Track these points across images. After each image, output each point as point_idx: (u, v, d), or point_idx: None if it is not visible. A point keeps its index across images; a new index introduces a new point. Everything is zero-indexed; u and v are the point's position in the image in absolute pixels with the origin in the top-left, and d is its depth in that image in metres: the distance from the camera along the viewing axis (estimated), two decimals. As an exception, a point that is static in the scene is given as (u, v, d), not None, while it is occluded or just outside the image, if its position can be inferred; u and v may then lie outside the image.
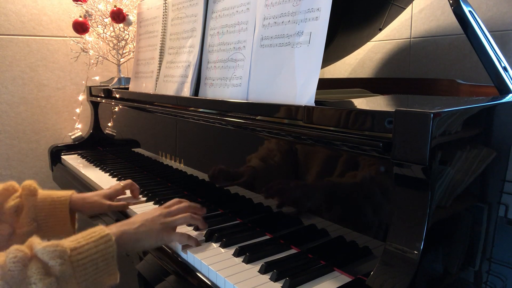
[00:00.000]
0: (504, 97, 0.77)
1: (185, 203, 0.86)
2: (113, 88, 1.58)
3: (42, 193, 0.96)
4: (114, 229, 0.73)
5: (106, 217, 1.10)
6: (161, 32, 1.34)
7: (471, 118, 0.63)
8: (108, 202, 1.02)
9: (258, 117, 0.84)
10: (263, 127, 0.82)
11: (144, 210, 1.00)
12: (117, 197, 1.08)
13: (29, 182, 0.94)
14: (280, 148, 0.81)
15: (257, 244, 0.79)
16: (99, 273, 0.67)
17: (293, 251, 0.77)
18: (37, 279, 0.60)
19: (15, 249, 0.63)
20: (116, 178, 1.31)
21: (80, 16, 1.66)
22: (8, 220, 0.90)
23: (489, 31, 0.87)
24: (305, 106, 0.72)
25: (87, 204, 0.99)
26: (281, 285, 0.65)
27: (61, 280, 0.62)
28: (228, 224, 0.90)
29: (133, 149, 1.46)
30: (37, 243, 0.64)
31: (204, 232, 0.84)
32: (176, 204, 0.86)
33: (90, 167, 1.48)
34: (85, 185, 1.33)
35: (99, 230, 0.70)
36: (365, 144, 0.61)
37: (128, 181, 1.09)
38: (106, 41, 1.73)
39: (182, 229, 0.86)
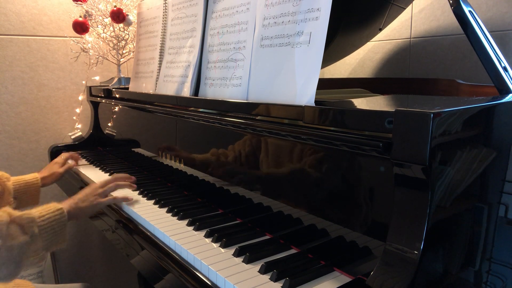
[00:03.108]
0: (504, 97, 0.77)
1: (114, 177, 1.15)
2: (113, 88, 1.58)
3: (14, 178, 1.26)
4: (65, 205, 0.99)
5: (106, 217, 1.10)
6: (161, 32, 1.33)
7: (471, 118, 0.63)
8: (61, 168, 1.37)
9: (258, 117, 0.84)
10: (263, 127, 0.82)
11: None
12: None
13: (1, 172, 1.22)
14: (280, 148, 0.81)
15: (257, 244, 0.79)
16: (56, 235, 0.92)
17: (293, 251, 0.77)
18: (18, 235, 0.85)
19: None
20: (116, 178, 1.31)
21: (80, 16, 1.66)
22: None
23: (489, 31, 0.87)
24: (305, 106, 0.72)
25: (49, 178, 1.34)
26: (281, 285, 0.65)
27: (32, 238, 0.87)
28: (228, 224, 0.90)
29: (133, 149, 1.46)
30: (12, 212, 0.87)
31: (137, 192, 1.15)
32: (108, 182, 1.12)
33: (90, 167, 1.48)
34: (85, 185, 1.33)
35: (55, 205, 0.96)
36: (365, 144, 0.61)
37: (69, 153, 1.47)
38: (106, 41, 1.73)
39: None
